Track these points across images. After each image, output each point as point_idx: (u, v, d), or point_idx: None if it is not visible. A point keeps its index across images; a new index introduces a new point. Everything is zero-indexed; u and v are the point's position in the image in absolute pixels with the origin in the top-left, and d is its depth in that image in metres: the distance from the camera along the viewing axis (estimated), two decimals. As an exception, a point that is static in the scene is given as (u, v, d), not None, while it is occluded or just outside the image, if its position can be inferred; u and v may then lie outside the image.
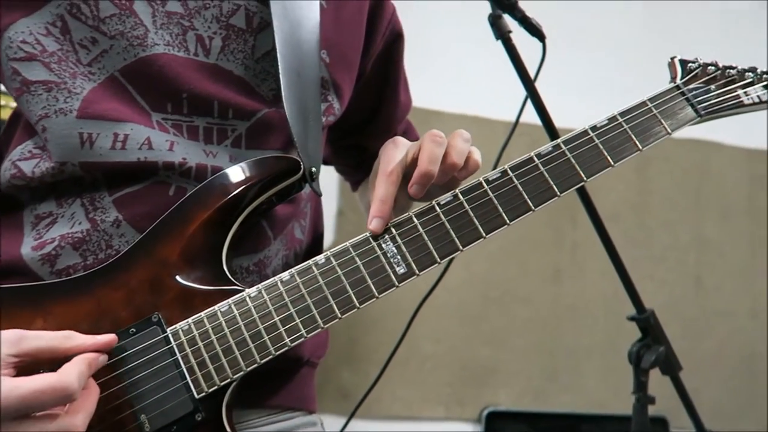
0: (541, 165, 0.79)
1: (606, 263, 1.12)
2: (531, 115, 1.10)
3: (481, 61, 2.04)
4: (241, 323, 0.73)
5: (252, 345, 0.73)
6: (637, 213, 2.57)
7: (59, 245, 0.78)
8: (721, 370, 2.58)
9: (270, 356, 0.73)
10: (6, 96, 1.62)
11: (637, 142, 0.82)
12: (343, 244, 0.77)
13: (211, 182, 0.78)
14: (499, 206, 0.78)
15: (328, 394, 2.18)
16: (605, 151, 0.81)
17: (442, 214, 0.77)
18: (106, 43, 0.79)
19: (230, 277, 0.77)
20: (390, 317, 2.18)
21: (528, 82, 1.06)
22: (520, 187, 0.78)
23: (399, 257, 0.76)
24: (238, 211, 0.78)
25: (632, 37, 2.59)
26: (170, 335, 0.72)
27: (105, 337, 0.69)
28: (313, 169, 0.83)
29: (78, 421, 0.63)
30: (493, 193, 0.78)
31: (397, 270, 0.75)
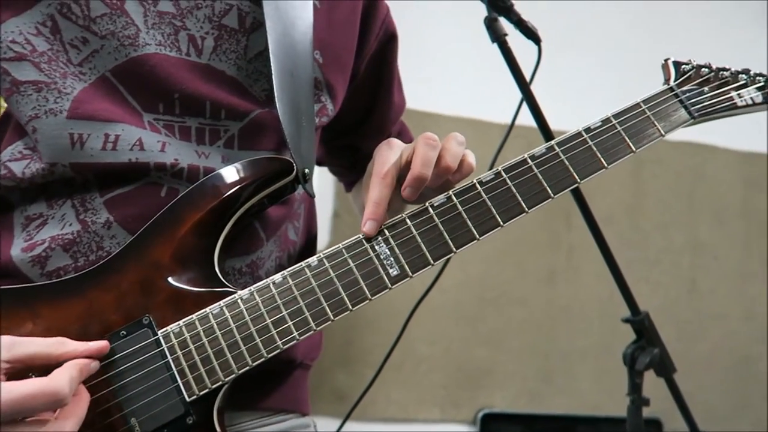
0: (534, 166, 0.79)
1: (601, 265, 1.12)
2: (526, 118, 1.10)
3: (476, 64, 2.04)
4: (233, 325, 0.73)
5: (244, 347, 0.72)
6: (631, 215, 2.57)
7: (49, 247, 0.77)
8: (715, 372, 2.58)
9: (262, 359, 0.72)
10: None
11: (631, 144, 0.82)
12: (335, 246, 0.76)
13: (203, 183, 0.78)
14: (493, 208, 0.77)
15: (323, 396, 2.17)
16: (599, 152, 0.80)
17: (435, 216, 0.77)
18: (97, 43, 0.78)
19: (222, 279, 0.76)
20: (385, 319, 2.17)
21: (523, 85, 1.06)
22: (513, 188, 0.78)
23: (392, 259, 0.75)
24: (230, 212, 0.77)
25: (628, 40, 2.59)
26: (161, 338, 0.72)
27: (97, 344, 0.69)
28: (306, 171, 0.82)
29: (68, 426, 0.63)
30: (487, 195, 0.78)
31: (390, 272, 0.75)
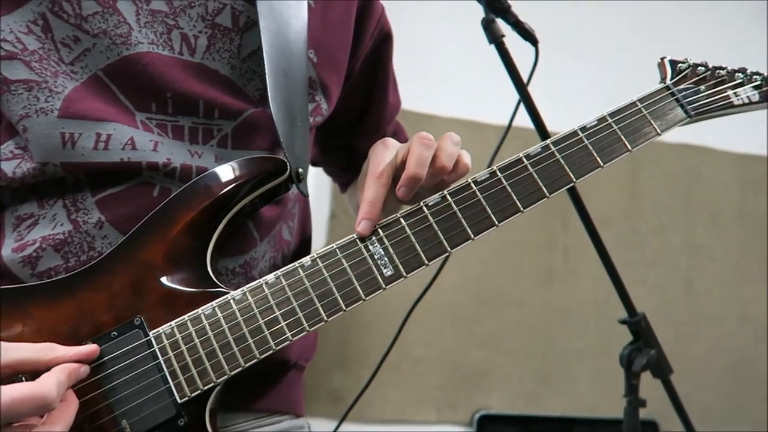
0: (530, 166, 0.79)
1: (598, 267, 1.12)
2: (523, 119, 1.09)
3: (473, 65, 2.04)
4: (225, 326, 0.72)
5: (236, 348, 0.71)
6: (628, 217, 2.57)
7: (40, 247, 0.76)
8: (712, 373, 2.59)
9: (255, 360, 0.72)
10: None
11: (627, 143, 0.81)
12: (329, 246, 0.76)
13: (196, 183, 0.77)
14: (488, 207, 0.77)
15: (319, 397, 2.16)
16: (594, 151, 0.80)
17: (430, 216, 0.76)
18: (89, 42, 0.78)
19: (215, 279, 0.76)
20: (382, 320, 2.17)
21: (521, 86, 1.05)
22: (509, 188, 0.78)
23: (386, 259, 0.75)
24: (223, 212, 0.77)
25: (626, 41, 2.59)
26: (152, 339, 0.71)
27: (86, 348, 0.68)
28: (300, 170, 0.82)
29: (56, 430, 0.62)
30: (482, 194, 0.77)
31: (384, 272, 0.74)
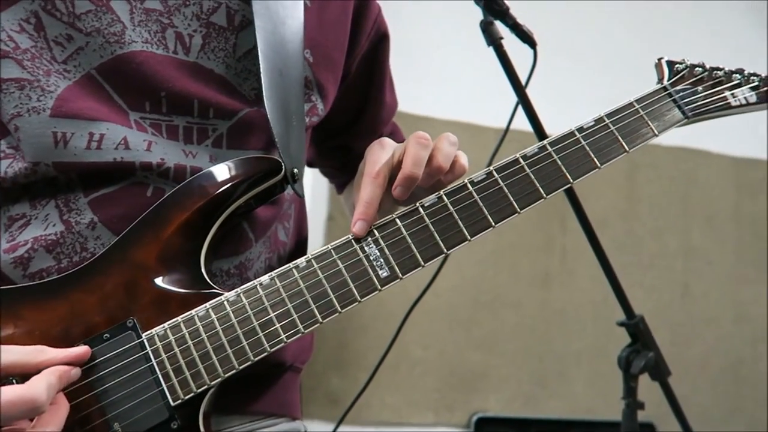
0: (527, 166, 0.78)
1: (595, 269, 1.11)
2: (521, 122, 1.09)
3: (470, 67, 2.04)
4: (219, 328, 0.71)
5: (230, 350, 0.71)
6: (625, 220, 2.57)
7: (32, 248, 0.75)
8: (709, 375, 2.59)
9: (249, 362, 0.71)
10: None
11: (624, 144, 0.81)
12: (324, 247, 0.75)
13: (190, 183, 0.77)
14: (484, 208, 0.76)
15: (316, 399, 2.16)
16: (591, 152, 0.79)
17: (426, 216, 0.76)
18: (82, 40, 0.77)
19: (208, 280, 0.75)
20: (379, 322, 2.16)
21: (519, 89, 1.05)
22: (505, 188, 0.77)
23: (382, 260, 0.74)
24: (217, 212, 0.76)
25: (624, 43, 2.59)
26: (145, 340, 0.70)
27: (77, 350, 0.68)
28: (296, 170, 0.81)
29: None
30: (478, 195, 0.77)
31: (379, 273, 0.74)
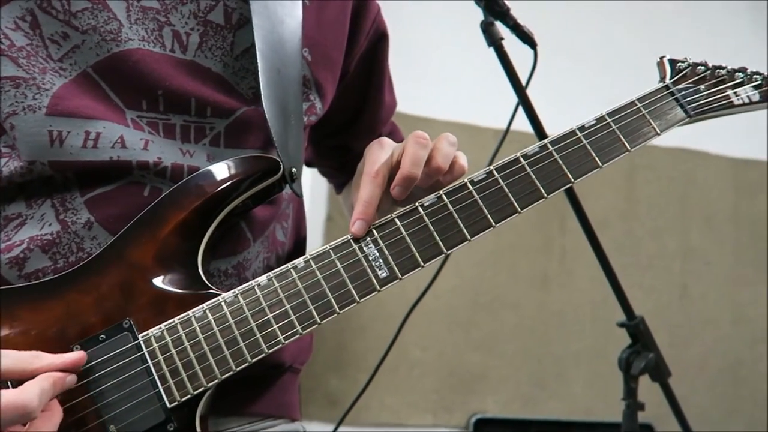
0: (527, 166, 0.78)
1: (594, 270, 1.11)
2: (521, 123, 1.09)
3: (470, 67, 2.03)
4: (216, 329, 0.71)
5: (227, 352, 0.70)
6: (624, 221, 2.57)
7: (28, 248, 0.75)
8: (707, 376, 2.59)
9: (246, 363, 0.70)
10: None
11: (626, 143, 0.80)
12: (323, 247, 0.75)
13: (187, 183, 0.76)
14: (485, 208, 0.76)
15: (315, 400, 2.15)
16: (593, 151, 0.79)
17: (425, 216, 0.75)
18: (78, 38, 0.76)
19: (206, 280, 0.74)
20: (378, 323, 2.16)
21: (520, 90, 1.05)
22: (506, 188, 0.76)
23: (381, 260, 0.73)
24: (215, 212, 0.76)
25: (625, 44, 2.59)
26: (141, 342, 0.70)
27: (72, 356, 0.66)
28: (294, 170, 0.80)
29: None
30: (479, 195, 0.76)
31: (378, 274, 0.73)
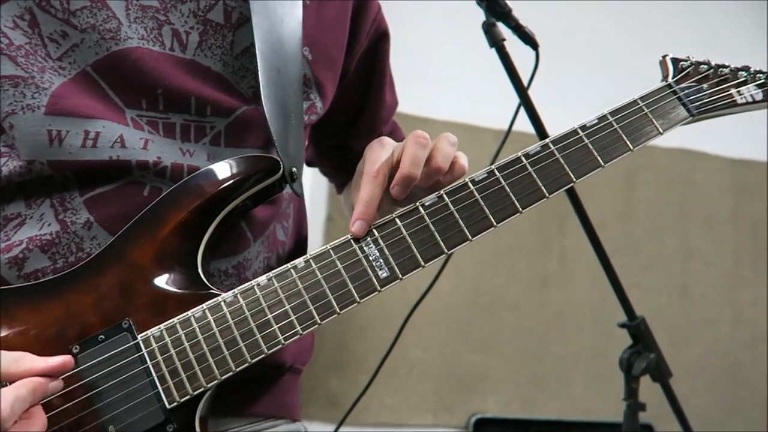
0: (529, 165, 0.77)
1: (594, 270, 1.11)
2: (522, 124, 1.08)
3: (471, 68, 2.03)
4: (216, 329, 0.70)
5: (227, 352, 0.70)
6: (623, 222, 2.57)
7: (27, 248, 0.74)
8: (706, 377, 2.59)
9: (246, 364, 0.70)
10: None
11: (628, 142, 0.80)
12: (323, 247, 0.74)
13: (187, 182, 0.76)
14: (486, 208, 0.75)
15: (316, 401, 2.15)
16: (595, 150, 0.78)
17: (426, 216, 0.75)
18: (77, 37, 0.76)
19: (205, 281, 0.74)
20: (379, 323, 2.16)
21: (522, 90, 1.05)
22: (507, 188, 0.76)
23: (381, 260, 0.73)
24: (214, 212, 0.75)
25: (626, 45, 2.59)
26: (141, 342, 0.69)
27: (57, 360, 0.63)
28: (294, 169, 0.80)
29: None
30: (480, 194, 0.76)
31: (379, 274, 0.73)
